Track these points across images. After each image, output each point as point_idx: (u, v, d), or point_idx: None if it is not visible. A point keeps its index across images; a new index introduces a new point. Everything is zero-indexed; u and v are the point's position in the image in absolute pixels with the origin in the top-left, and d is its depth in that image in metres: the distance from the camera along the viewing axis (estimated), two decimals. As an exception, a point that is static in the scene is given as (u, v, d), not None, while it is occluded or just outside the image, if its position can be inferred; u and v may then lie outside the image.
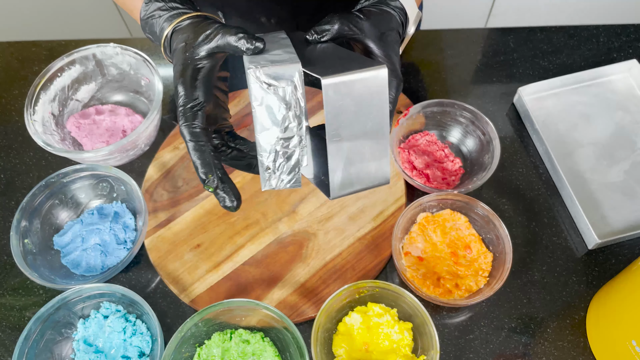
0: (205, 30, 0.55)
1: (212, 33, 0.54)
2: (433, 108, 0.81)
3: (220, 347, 0.68)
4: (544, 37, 0.94)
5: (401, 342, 0.67)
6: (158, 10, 0.59)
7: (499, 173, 0.81)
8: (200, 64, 0.55)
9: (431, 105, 0.81)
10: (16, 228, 0.73)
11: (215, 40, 0.54)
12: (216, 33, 0.54)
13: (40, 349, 0.67)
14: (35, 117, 0.79)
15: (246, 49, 0.53)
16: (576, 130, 0.84)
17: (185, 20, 0.57)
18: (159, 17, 0.59)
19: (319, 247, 0.75)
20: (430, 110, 0.81)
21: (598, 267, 0.74)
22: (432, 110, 0.81)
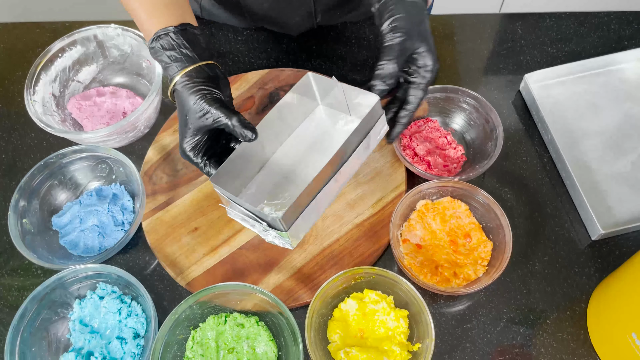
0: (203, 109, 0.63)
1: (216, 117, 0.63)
2: (437, 94, 0.80)
3: (214, 330, 0.68)
4: (552, 23, 0.91)
5: (397, 330, 0.66)
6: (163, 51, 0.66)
7: (502, 162, 0.79)
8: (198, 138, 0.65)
9: (435, 91, 0.79)
10: (14, 208, 0.73)
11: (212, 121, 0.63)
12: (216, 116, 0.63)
13: (35, 328, 0.68)
14: (36, 97, 0.79)
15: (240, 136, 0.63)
16: (583, 119, 0.82)
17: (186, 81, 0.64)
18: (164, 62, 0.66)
19: (317, 233, 0.74)
20: (433, 96, 0.80)
21: (601, 259, 0.73)
22: (435, 97, 0.80)
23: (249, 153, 0.68)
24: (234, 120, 0.62)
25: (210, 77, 0.65)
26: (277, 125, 0.71)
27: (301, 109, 0.72)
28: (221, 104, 0.64)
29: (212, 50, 0.69)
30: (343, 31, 0.94)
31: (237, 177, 0.69)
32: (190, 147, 0.65)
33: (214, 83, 0.65)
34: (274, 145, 0.72)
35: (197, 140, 0.65)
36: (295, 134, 0.73)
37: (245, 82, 0.87)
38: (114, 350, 0.68)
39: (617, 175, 0.77)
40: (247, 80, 0.87)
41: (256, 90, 0.86)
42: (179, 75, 0.64)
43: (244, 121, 0.62)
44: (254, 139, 0.63)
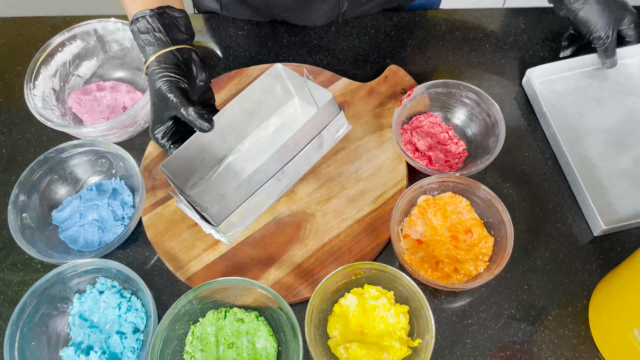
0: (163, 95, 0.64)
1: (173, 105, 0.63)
2: (438, 89, 0.79)
3: (214, 325, 0.68)
4: (555, 18, 0.91)
5: (397, 325, 0.66)
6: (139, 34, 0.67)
7: (504, 157, 0.79)
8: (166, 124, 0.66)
9: (436, 86, 0.79)
10: (14, 202, 0.73)
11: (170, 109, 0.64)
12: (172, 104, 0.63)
13: (35, 322, 0.67)
14: (35, 91, 0.79)
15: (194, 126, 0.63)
16: (586, 115, 0.81)
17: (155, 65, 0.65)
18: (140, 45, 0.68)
19: (317, 229, 0.74)
20: (434, 91, 0.79)
21: (603, 255, 0.72)
22: (436, 91, 0.80)
23: (207, 143, 0.67)
24: (188, 110, 0.63)
25: (179, 63, 0.66)
26: (242, 118, 0.69)
27: (272, 102, 0.71)
28: (182, 92, 0.64)
29: (191, 33, 0.70)
30: (344, 26, 0.93)
31: (189, 166, 0.68)
32: (157, 131, 0.66)
33: (182, 69, 0.65)
34: (238, 138, 0.71)
35: (164, 126, 0.66)
36: (264, 126, 0.72)
37: (246, 76, 0.86)
38: (114, 345, 0.68)
39: (619, 171, 0.77)
40: (248, 75, 0.86)
41: (257, 85, 0.86)
42: (150, 59, 0.65)
43: (200, 111, 0.63)
44: (208, 130, 0.63)
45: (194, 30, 0.71)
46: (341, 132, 0.68)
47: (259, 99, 0.70)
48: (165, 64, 0.65)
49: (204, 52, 0.92)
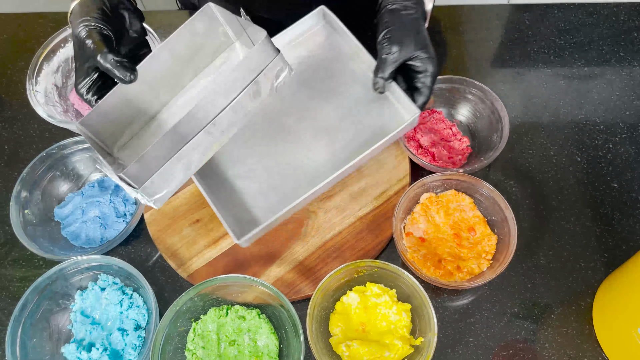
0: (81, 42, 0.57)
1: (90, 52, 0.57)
2: (442, 85, 0.79)
3: (216, 322, 0.67)
4: (561, 14, 0.90)
5: (399, 323, 0.66)
6: None
7: (508, 154, 0.78)
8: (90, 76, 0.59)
9: (439, 82, 0.78)
10: (16, 199, 0.73)
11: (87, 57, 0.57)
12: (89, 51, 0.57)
13: (37, 319, 0.68)
14: (38, 87, 0.79)
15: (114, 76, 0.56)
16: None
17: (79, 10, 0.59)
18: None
19: (319, 226, 0.74)
20: (438, 87, 0.79)
21: (607, 254, 0.71)
22: (440, 87, 0.79)
23: (136, 97, 0.60)
24: (106, 57, 0.55)
25: (105, 9, 0.59)
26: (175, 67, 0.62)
27: (209, 48, 0.63)
28: (103, 38, 0.57)
29: None
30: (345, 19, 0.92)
31: (115, 124, 0.60)
32: (80, 85, 0.59)
33: (107, 15, 0.59)
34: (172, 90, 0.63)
35: (90, 78, 0.58)
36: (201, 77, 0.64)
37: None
38: (115, 341, 0.68)
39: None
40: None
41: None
42: (74, 4, 0.59)
43: (119, 59, 0.55)
44: (129, 81, 0.56)
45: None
46: (282, 77, 0.58)
47: (192, 44, 0.62)
48: (88, 8, 0.58)
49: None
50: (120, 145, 0.62)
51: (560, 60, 0.86)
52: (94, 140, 0.59)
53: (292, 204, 0.60)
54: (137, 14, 0.63)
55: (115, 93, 0.58)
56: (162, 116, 0.63)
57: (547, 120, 0.81)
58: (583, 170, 0.77)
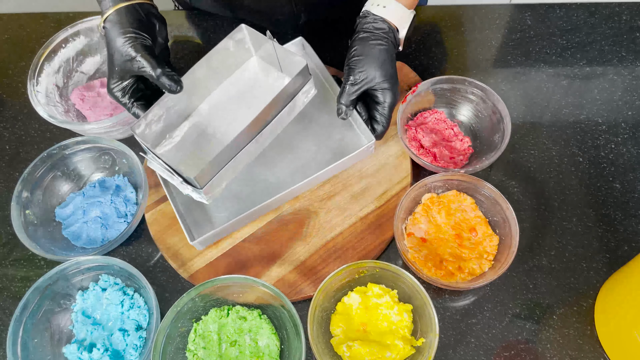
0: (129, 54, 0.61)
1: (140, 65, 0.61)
2: (443, 85, 0.79)
3: (217, 322, 0.67)
4: (562, 14, 0.90)
5: (400, 324, 0.65)
6: None
7: (509, 154, 0.78)
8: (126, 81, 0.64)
9: (441, 82, 0.78)
10: (17, 199, 0.73)
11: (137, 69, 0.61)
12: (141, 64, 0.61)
13: (38, 319, 0.67)
14: (39, 88, 0.79)
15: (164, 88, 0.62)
16: (592, 111, 0.80)
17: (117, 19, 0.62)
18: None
19: (320, 226, 0.74)
20: (439, 87, 0.79)
21: (609, 254, 0.71)
22: (441, 87, 0.79)
23: (174, 103, 0.68)
24: (158, 72, 0.61)
25: (142, 19, 0.63)
26: (206, 76, 0.70)
27: (233, 59, 0.71)
28: (149, 51, 0.62)
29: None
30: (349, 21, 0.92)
31: (159, 127, 0.68)
32: (117, 88, 0.64)
33: (145, 26, 0.63)
34: (201, 95, 0.71)
35: (125, 83, 0.64)
36: (225, 84, 0.73)
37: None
38: (116, 342, 0.67)
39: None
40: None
41: (260, 81, 0.85)
42: (110, 12, 0.62)
43: (169, 73, 0.61)
44: (178, 92, 0.62)
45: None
46: (309, 96, 0.69)
47: (222, 58, 0.70)
48: (128, 18, 0.62)
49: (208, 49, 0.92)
50: (156, 143, 0.70)
51: (561, 60, 0.86)
52: (143, 143, 0.66)
53: (246, 212, 0.68)
54: (163, 20, 0.67)
55: (162, 100, 0.66)
56: (194, 119, 0.71)
57: (548, 120, 0.81)
58: (585, 171, 0.77)
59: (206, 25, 0.94)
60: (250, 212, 0.69)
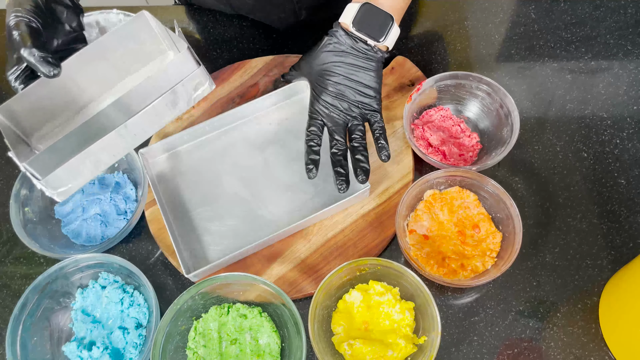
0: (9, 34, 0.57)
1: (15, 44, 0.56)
2: (447, 81, 0.78)
3: (217, 321, 0.67)
4: (567, 7, 0.88)
5: (402, 322, 0.65)
6: None
7: (514, 150, 0.77)
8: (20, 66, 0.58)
9: (445, 78, 0.77)
10: (15, 196, 0.72)
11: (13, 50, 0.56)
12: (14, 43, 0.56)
13: (37, 317, 0.67)
14: (37, 84, 0.78)
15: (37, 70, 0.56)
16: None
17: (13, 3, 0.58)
18: None
19: (321, 223, 0.73)
20: (444, 83, 0.78)
21: (614, 251, 0.70)
22: (446, 84, 0.78)
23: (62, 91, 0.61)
24: (30, 51, 0.55)
25: (41, 2, 0.59)
26: (104, 67, 0.63)
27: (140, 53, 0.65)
28: (29, 30, 0.56)
29: None
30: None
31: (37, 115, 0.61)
32: (10, 72, 0.59)
33: (40, 8, 0.59)
34: (99, 89, 0.64)
35: (19, 67, 0.58)
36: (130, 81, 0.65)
37: (250, 68, 0.85)
38: (116, 340, 0.67)
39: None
40: (251, 67, 0.85)
41: (260, 77, 0.84)
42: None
43: (42, 54, 0.55)
44: (52, 76, 0.56)
45: None
46: (201, 90, 0.61)
47: (123, 47, 0.63)
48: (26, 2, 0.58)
49: (207, 45, 0.91)
50: (40, 135, 0.62)
51: (566, 54, 0.85)
52: (9, 128, 0.59)
53: (242, 249, 0.68)
54: (75, 9, 0.63)
55: (40, 84, 0.58)
56: (87, 111, 0.64)
57: (553, 115, 0.80)
58: (590, 167, 0.76)
59: (205, 20, 0.93)
60: (246, 249, 0.69)
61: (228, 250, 0.71)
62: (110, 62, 0.63)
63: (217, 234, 0.73)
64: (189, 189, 0.76)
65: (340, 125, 0.70)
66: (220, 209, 0.74)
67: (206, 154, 0.78)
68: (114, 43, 0.62)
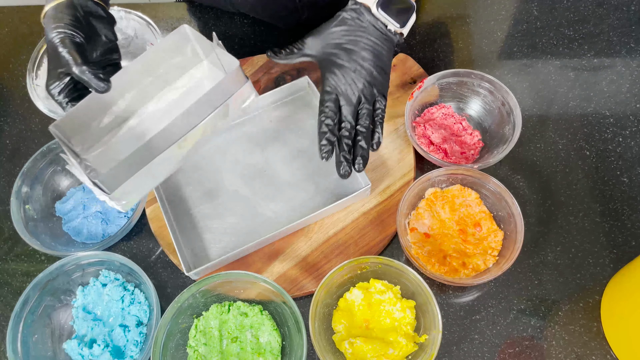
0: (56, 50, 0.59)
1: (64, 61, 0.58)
2: (449, 79, 0.77)
3: (218, 318, 0.67)
4: (570, 4, 0.88)
5: (403, 321, 0.65)
6: None
7: (516, 148, 0.77)
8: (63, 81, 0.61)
9: (447, 76, 0.77)
10: (17, 194, 0.72)
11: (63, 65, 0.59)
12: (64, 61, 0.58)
13: (38, 315, 0.67)
14: (38, 81, 0.78)
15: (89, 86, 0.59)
16: (600, 104, 0.79)
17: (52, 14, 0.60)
18: None
19: (322, 221, 0.73)
20: (445, 81, 0.77)
21: (616, 249, 0.70)
22: (447, 81, 0.77)
23: (107, 103, 0.64)
24: (81, 69, 0.58)
25: (79, 15, 0.61)
26: (146, 79, 0.66)
27: (179, 64, 0.67)
28: (76, 47, 0.59)
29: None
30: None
31: (85, 128, 0.64)
32: (52, 87, 0.61)
33: (80, 22, 0.61)
34: (141, 99, 0.67)
35: (62, 82, 0.61)
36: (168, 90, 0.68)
37: (251, 65, 0.85)
38: (117, 338, 0.67)
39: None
40: (253, 64, 0.85)
41: (262, 74, 0.84)
42: (48, 7, 0.61)
43: (93, 70, 0.58)
44: (103, 92, 0.59)
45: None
46: (248, 102, 0.65)
47: (163, 59, 0.66)
48: (65, 14, 0.60)
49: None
50: (87, 147, 0.65)
51: (569, 51, 0.84)
52: (65, 143, 0.62)
53: (243, 247, 0.68)
54: (109, 20, 0.65)
55: (88, 100, 0.61)
56: (130, 123, 0.66)
57: (555, 113, 0.80)
58: (592, 165, 0.75)
59: (207, 17, 0.93)
60: (247, 247, 0.69)
61: (229, 248, 0.71)
62: (150, 73, 0.66)
63: (218, 232, 0.72)
64: (190, 187, 0.76)
65: (353, 105, 0.66)
66: (221, 207, 0.74)
67: (207, 151, 0.78)
68: (157, 58, 0.65)
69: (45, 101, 0.77)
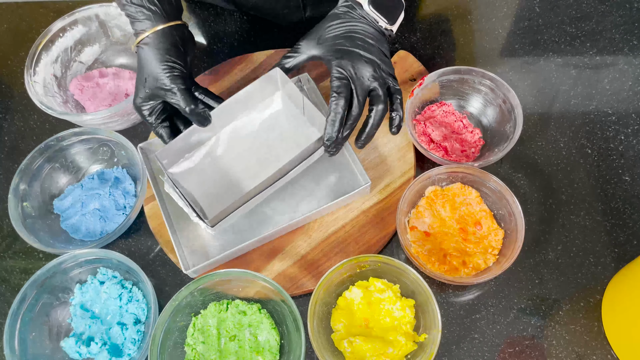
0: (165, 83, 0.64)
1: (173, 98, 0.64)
2: (450, 76, 0.77)
3: (216, 317, 0.66)
4: (572, 1, 0.87)
5: (403, 320, 0.64)
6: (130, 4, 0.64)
7: (517, 146, 0.76)
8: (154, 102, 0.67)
9: (447, 73, 0.76)
10: (14, 191, 0.72)
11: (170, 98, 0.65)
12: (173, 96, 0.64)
13: (36, 313, 0.67)
14: (36, 78, 0.78)
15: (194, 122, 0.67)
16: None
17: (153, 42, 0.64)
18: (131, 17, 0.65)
19: (322, 219, 0.72)
20: (446, 78, 0.77)
21: (617, 249, 0.70)
22: (448, 79, 0.77)
23: (199, 135, 0.71)
24: (190, 108, 0.64)
25: (177, 43, 0.64)
26: (233, 110, 0.72)
27: (259, 92, 0.73)
28: (184, 83, 0.64)
29: (180, 5, 0.69)
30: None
31: (181, 157, 0.72)
32: (145, 107, 0.67)
33: (179, 50, 0.65)
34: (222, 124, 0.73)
35: (154, 104, 0.67)
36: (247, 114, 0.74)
37: (251, 62, 0.84)
38: (115, 336, 0.67)
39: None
40: (253, 61, 0.84)
41: (262, 71, 0.84)
42: (145, 35, 0.63)
43: (200, 110, 0.65)
44: (205, 126, 0.67)
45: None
46: (317, 153, 0.71)
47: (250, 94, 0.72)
48: (164, 42, 0.63)
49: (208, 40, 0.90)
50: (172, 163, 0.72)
51: (571, 49, 0.84)
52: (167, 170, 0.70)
53: (242, 245, 0.68)
54: (193, 40, 0.69)
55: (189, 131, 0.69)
56: (210, 143, 0.73)
57: (557, 111, 0.79)
58: (594, 163, 0.75)
59: (206, 14, 0.93)
60: (246, 244, 0.69)
61: (228, 246, 0.71)
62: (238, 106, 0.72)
63: (217, 230, 0.72)
64: None
65: (365, 90, 0.65)
66: None
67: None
68: (247, 94, 0.71)
69: (43, 98, 0.76)
